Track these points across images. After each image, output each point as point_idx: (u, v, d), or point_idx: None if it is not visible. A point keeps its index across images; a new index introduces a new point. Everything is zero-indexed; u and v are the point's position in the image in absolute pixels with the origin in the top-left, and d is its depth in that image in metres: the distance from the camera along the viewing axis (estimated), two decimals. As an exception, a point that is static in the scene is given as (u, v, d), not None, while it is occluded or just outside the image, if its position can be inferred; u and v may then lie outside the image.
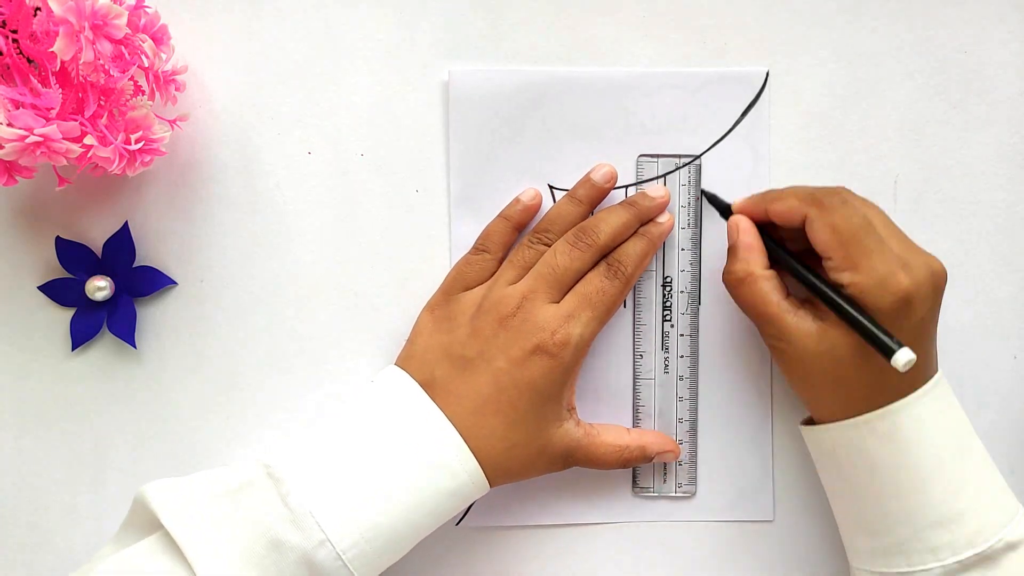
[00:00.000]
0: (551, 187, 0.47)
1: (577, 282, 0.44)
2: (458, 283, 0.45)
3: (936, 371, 0.42)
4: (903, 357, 0.38)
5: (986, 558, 0.39)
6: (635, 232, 0.45)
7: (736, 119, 0.47)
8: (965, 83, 0.47)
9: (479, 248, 0.46)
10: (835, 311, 0.40)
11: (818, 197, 0.41)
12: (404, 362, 0.44)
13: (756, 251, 0.43)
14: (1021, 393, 0.48)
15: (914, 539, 0.40)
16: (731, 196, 0.46)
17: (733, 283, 0.43)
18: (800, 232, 0.42)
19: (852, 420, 0.40)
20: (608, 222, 0.44)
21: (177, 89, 0.44)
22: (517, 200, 0.46)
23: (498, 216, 0.46)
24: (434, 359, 0.43)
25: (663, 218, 0.45)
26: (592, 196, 0.45)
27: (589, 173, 0.46)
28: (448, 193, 0.47)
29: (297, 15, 0.46)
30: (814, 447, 0.44)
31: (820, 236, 0.40)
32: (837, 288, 0.40)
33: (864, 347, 0.40)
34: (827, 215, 0.40)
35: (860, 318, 0.39)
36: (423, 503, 0.39)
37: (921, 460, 0.40)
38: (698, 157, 0.47)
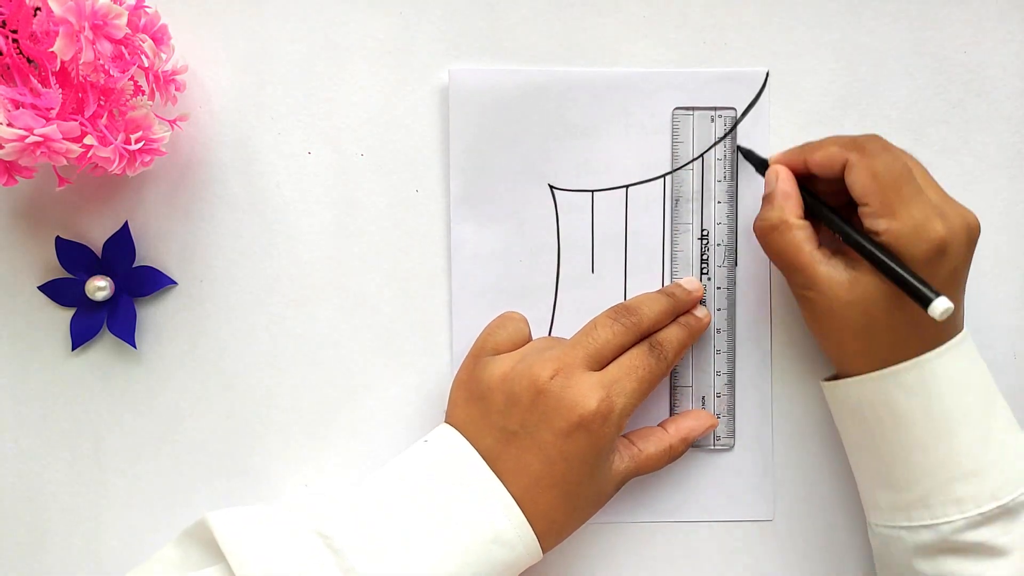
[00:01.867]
0: (551, 187, 0.47)
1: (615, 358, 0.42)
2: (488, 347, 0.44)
3: (963, 328, 0.42)
4: (940, 306, 0.37)
5: (1008, 511, 0.39)
6: (674, 320, 0.45)
7: (736, 119, 0.47)
8: (965, 83, 0.47)
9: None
10: (869, 259, 0.40)
11: (859, 143, 0.41)
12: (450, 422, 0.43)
13: (793, 199, 0.42)
14: (1021, 393, 0.48)
15: (938, 492, 0.40)
16: (731, 195, 0.45)
17: (766, 230, 0.42)
18: (835, 187, 0.42)
19: (879, 372, 0.40)
20: (649, 307, 0.43)
21: (177, 89, 0.44)
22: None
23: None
24: (476, 431, 0.41)
25: (701, 312, 0.45)
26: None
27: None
28: (448, 193, 0.47)
29: (297, 15, 0.46)
30: (837, 403, 0.43)
31: (860, 181, 0.40)
32: (872, 236, 0.40)
33: (896, 296, 0.39)
34: (868, 160, 0.40)
35: (895, 267, 0.39)
36: (478, 574, 0.39)
37: (948, 412, 0.40)
38: (733, 109, 0.47)
